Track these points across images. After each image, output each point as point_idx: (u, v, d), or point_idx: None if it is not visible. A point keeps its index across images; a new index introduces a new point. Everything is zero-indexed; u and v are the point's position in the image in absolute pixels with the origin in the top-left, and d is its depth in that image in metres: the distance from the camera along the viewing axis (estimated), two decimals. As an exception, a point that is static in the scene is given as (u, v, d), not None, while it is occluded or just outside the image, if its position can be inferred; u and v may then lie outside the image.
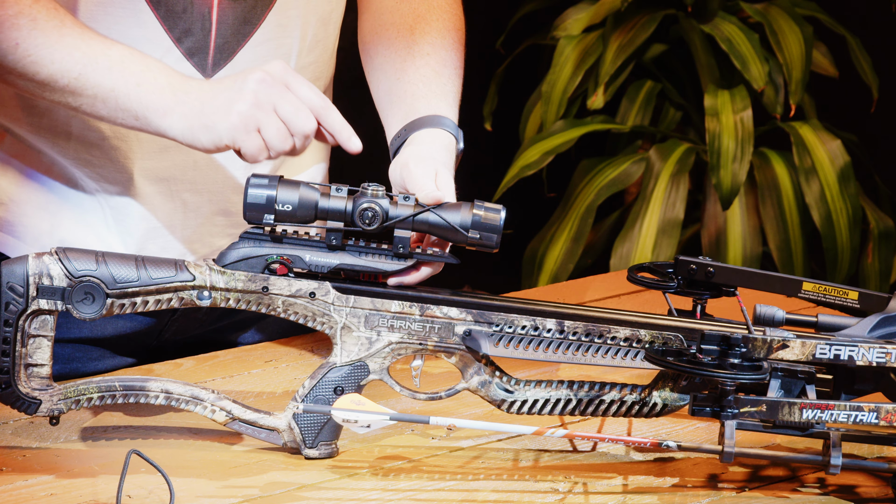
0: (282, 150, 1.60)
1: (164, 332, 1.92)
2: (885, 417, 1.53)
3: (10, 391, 1.55)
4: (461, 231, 1.57)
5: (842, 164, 3.36)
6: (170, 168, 1.81)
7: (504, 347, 1.59)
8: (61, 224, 1.82)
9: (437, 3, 1.88)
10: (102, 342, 1.88)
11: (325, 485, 1.56)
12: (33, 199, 1.83)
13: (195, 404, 1.59)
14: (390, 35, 1.86)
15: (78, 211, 1.82)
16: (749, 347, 1.54)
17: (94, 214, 1.82)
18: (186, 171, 1.81)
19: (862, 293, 1.72)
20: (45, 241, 1.81)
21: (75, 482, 1.53)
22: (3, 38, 1.60)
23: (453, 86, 1.84)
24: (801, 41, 3.38)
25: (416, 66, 1.83)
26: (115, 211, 1.82)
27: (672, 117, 3.57)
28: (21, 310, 1.54)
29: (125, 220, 1.82)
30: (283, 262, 1.58)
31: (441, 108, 1.78)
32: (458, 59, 1.87)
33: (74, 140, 1.78)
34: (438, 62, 1.83)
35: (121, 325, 1.88)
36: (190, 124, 1.60)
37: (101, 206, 1.82)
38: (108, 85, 1.62)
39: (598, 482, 1.59)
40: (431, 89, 1.80)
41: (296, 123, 1.59)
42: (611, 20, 3.47)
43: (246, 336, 1.99)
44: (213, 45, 1.76)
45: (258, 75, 1.59)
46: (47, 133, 1.79)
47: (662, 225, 3.35)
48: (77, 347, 1.84)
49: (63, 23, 1.63)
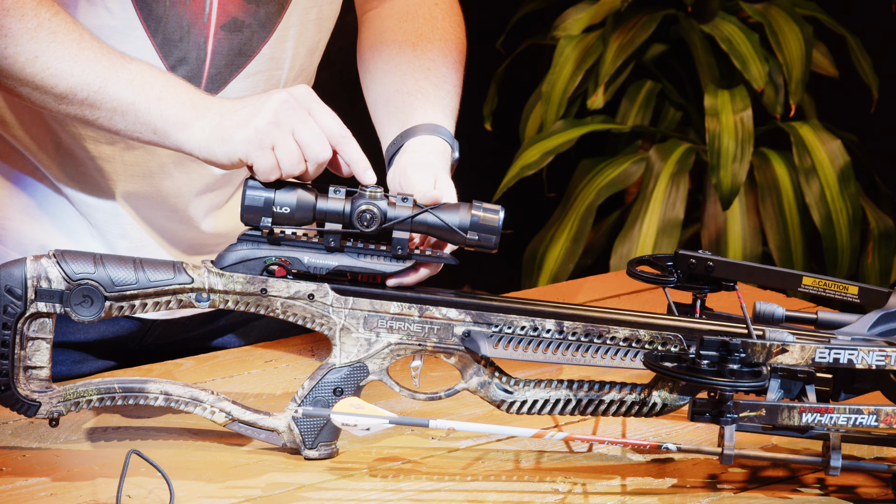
0: (293, 173, 1.58)
1: (146, 337, 1.92)
2: (885, 420, 1.53)
3: (10, 394, 1.55)
4: (459, 232, 1.57)
5: (842, 164, 3.36)
6: (154, 194, 1.81)
7: (503, 348, 1.59)
8: (44, 229, 1.82)
9: (440, 25, 1.88)
10: (85, 346, 1.88)
11: (324, 485, 1.56)
12: (16, 204, 1.83)
13: (195, 405, 1.59)
14: (391, 51, 1.86)
15: (61, 218, 1.82)
16: (748, 352, 1.54)
17: (76, 222, 1.82)
18: (169, 198, 1.82)
19: (862, 288, 1.71)
20: (28, 245, 1.82)
21: (75, 482, 1.53)
22: (23, 50, 1.60)
23: (451, 101, 1.83)
24: (801, 41, 3.38)
25: (415, 80, 1.83)
26: (97, 229, 1.82)
27: (672, 117, 3.57)
28: (19, 313, 1.54)
29: (106, 234, 1.83)
30: (282, 263, 1.58)
31: (438, 117, 1.78)
32: (458, 79, 1.87)
33: (61, 155, 1.79)
34: (438, 78, 1.83)
35: (103, 329, 1.87)
36: (207, 137, 1.59)
37: (84, 216, 1.82)
38: (128, 98, 1.61)
39: (598, 483, 1.59)
40: (430, 100, 1.80)
41: (312, 149, 1.57)
42: (611, 20, 3.47)
43: (229, 341, 1.99)
44: (207, 74, 1.76)
45: (282, 96, 1.58)
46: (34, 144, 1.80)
47: (662, 225, 3.35)
48: (59, 351, 1.84)
49: (82, 36, 1.62)
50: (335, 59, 1.94)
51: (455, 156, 1.77)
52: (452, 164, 1.76)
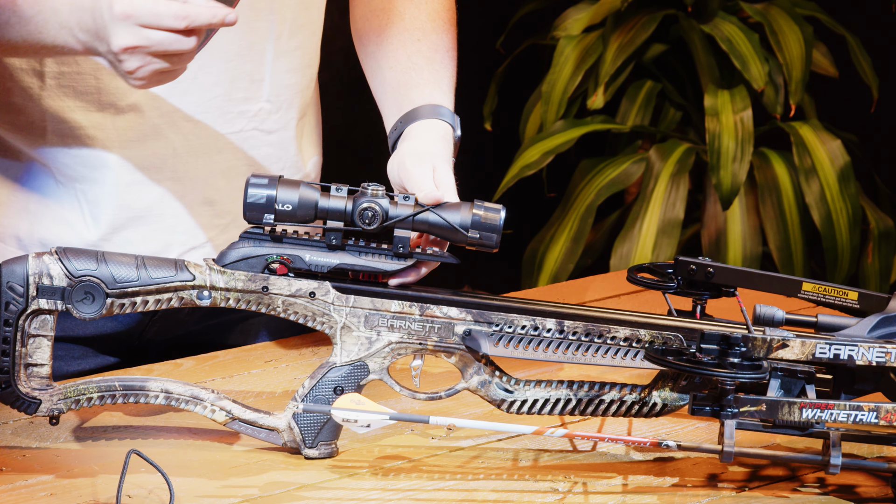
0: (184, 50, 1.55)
1: (146, 333, 1.92)
2: (885, 417, 1.53)
3: (10, 391, 1.55)
4: (461, 231, 1.57)
5: (842, 164, 3.36)
6: (149, 157, 1.80)
7: (504, 347, 1.59)
8: (41, 223, 1.82)
9: None
10: (85, 341, 1.88)
11: (324, 485, 1.56)
12: (12, 200, 1.82)
13: (195, 404, 1.59)
14: (380, 21, 1.85)
15: (56, 209, 1.81)
16: (749, 347, 1.54)
17: (72, 212, 1.81)
18: (166, 159, 1.81)
19: (862, 293, 1.72)
20: (26, 241, 1.81)
21: (75, 482, 1.53)
22: None
23: (447, 70, 1.83)
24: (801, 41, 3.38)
25: (407, 54, 1.82)
26: (93, 205, 1.80)
27: (672, 117, 3.57)
28: (21, 309, 1.54)
29: (104, 213, 1.81)
30: (283, 261, 1.58)
31: (435, 95, 1.78)
32: (451, 41, 1.86)
33: (50, 134, 1.78)
34: (430, 47, 1.83)
35: (102, 324, 1.87)
36: None
37: (80, 201, 1.81)
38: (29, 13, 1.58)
39: (598, 482, 1.59)
40: (424, 77, 1.80)
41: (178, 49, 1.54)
42: (611, 20, 3.47)
43: (231, 338, 1.99)
44: None
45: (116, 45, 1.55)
46: (23, 131, 1.79)
47: (662, 225, 3.35)
48: (59, 346, 1.83)
49: None
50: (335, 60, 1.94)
51: (457, 134, 1.77)
52: (455, 144, 1.76)
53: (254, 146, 1.85)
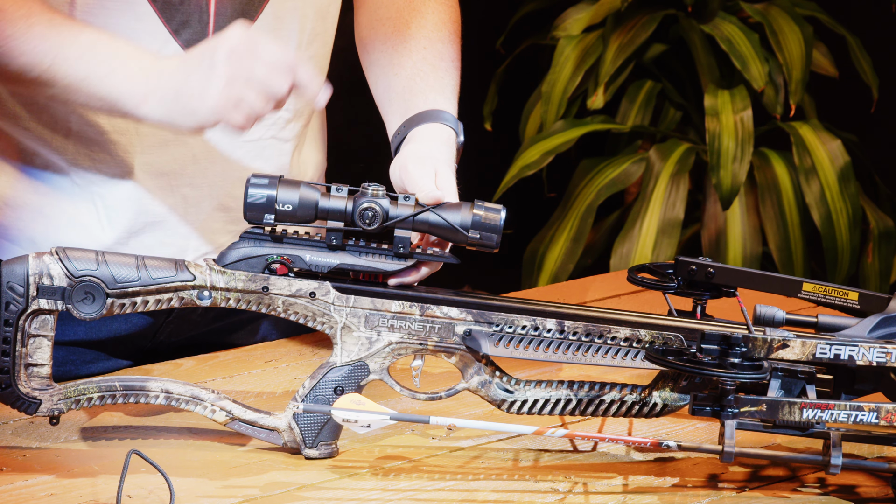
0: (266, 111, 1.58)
1: (158, 335, 1.91)
2: (886, 417, 1.53)
3: (11, 391, 1.55)
4: (461, 231, 1.57)
5: (842, 164, 3.36)
6: (169, 162, 1.80)
7: (504, 347, 1.59)
8: (57, 227, 1.82)
9: None
10: (97, 345, 1.87)
11: (325, 485, 1.56)
12: (29, 203, 1.82)
13: (195, 404, 1.59)
14: (386, 30, 1.85)
15: (72, 212, 1.81)
16: (749, 347, 1.54)
17: (88, 215, 1.81)
18: (186, 165, 1.81)
19: (862, 294, 1.72)
20: (41, 243, 1.81)
21: (75, 482, 1.53)
22: None
23: (451, 79, 1.83)
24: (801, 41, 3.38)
25: (412, 61, 1.82)
26: (110, 209, 1.81)
27: (672, 117, 3.57)
28: (21, 309, 1.54)
29: (120, 217, 1.81)
30: (284, 261, 1.58)
31: (439, 101, 1.78)
32: (455, 51, 1.86)
33: (74, 136, 1.78)
34: (435, 55, 1.83)
35: (115, 327, 1.87)
36: (168, 110, 1.59)
37: (96, 205, 1.81)
38: (80, 74, 1.60)
39: (598, 482, 1.59)
40: (429, 84, 1.80)
41: (272, 88, 1.57)
42: (611, 20, 3.47)
43: (240, 338, 1.99)
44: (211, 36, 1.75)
45: (225, 49, 1.56)
46: (46, 130, 1.78)
47: (662, 225, 3.35)
48: (71, 350, 1.84)
49: (31, 12, 1.60)
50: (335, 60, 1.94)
51: (460, 139, 1.77)
52: (458, 149, 1.76)
53: (272, 155, 1.86)
